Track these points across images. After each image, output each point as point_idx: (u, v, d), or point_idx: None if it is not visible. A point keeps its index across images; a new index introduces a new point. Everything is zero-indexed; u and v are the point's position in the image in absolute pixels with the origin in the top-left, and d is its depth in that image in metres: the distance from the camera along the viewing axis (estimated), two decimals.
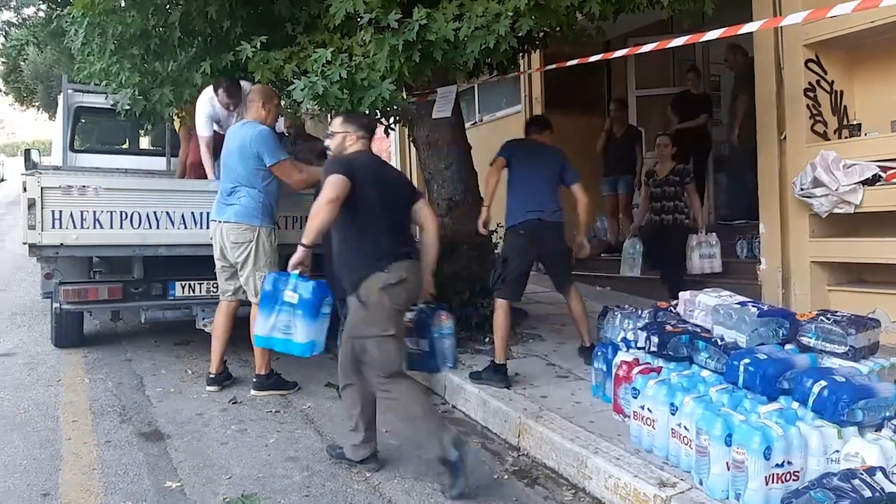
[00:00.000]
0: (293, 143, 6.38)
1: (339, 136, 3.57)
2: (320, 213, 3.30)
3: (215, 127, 5.68)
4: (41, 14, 19.51)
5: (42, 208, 4.72)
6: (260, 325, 3.48)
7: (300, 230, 5.13)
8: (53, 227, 4.75)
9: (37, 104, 28.94)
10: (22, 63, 26.30)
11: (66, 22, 6.04)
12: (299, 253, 3.38)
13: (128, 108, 5.96)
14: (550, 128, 5.16)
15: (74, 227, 4.75)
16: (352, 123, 3.60)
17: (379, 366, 3.39)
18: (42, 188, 4.73)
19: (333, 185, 3.30)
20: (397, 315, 3.44)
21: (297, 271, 3.37)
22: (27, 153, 7.92)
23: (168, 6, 5.33)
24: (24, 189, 4.73)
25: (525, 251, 4.66)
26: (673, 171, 6.10)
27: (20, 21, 27.18)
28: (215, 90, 5.45)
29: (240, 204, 4.60)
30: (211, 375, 4.85)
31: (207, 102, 5.57)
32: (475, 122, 10.56)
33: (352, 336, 3.49)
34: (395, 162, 12.86)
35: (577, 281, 6.62)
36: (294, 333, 3.38)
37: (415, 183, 11.73)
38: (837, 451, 2.80)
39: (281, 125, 7.57)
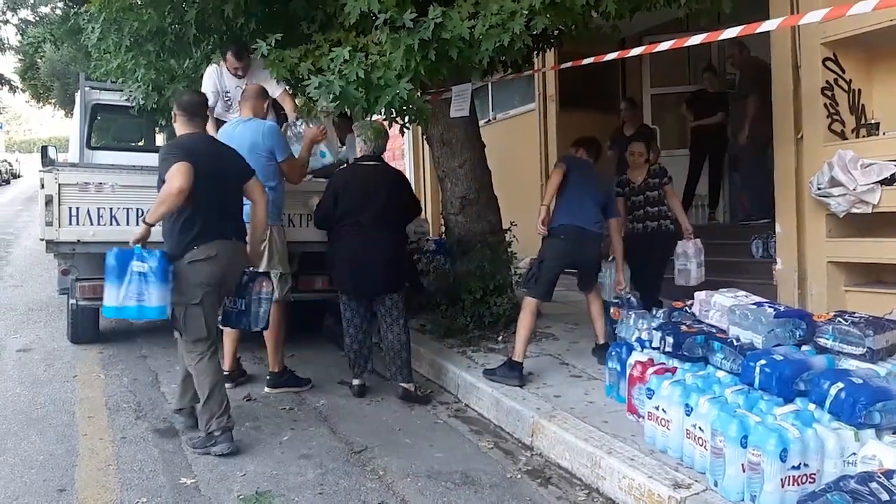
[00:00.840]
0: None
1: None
2: (169, 201, 3.59)
3: (219, 109, 5.48)
4: (58, 12, 19.67)
5: (59, 205, 4.75)
6: (110, 298, 3.62)
7: (313, 228, 5.20)
8: (70, 223, 4.79)
9: (53, 101, 29.22)
10: (39, 60, 26.54)
11: (84, 19, 6.10)
12: (141, 229, 3.66)
13: (142, 102, 5.99)
14: (600, 154, 5.38)
15: (91, 224, 4.78)
16: (175, 103, 4.00)
17: (185, 330, 3.81)
18: (59, 185, 4.76)
19: (183, 174, 3.58)
20: (204, 287, 3.77)
21: (139, 245, 3.60)
22: (44, 150, 7.96)
23: (184, 4, 5.34)
24: (42, 186, 4.77)
25: (562, 255, 4.71)
26: (650, 174, 5.54)
27: (37, 19, 27.44)
28: (223, 55, 5.32)
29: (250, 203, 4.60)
30: (225, 373, 4.87)
31: (213, 73, 5.39)
32: (489, 121, 10.55)
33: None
34: (408, 160, 12.83)
35: None
36: (147, 299, 3.60)
37: (428, 182, 11.88)
38: (854, 454, 2.79)
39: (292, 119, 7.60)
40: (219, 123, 5.19)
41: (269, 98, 4.91)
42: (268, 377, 4.83)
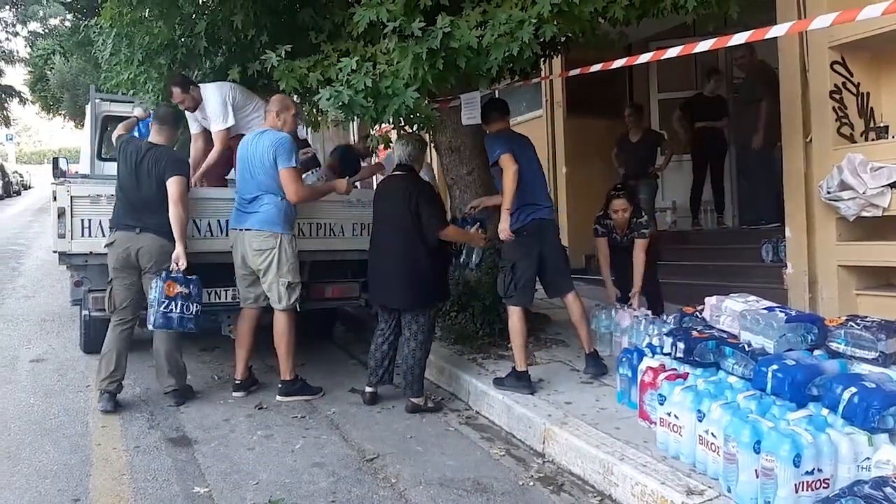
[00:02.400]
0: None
1: None
2: None
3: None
4: (67, 24, 19.86)
5: (72, 217, 4.79)
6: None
7: (323, 237, 5.24)
8: (83, 235, 4.82)
9: (63, 112, 29.46)
10: (48, 72, 26.80)
11: (94, 32, 6.16)
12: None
13: (151, 111, 6.04)
14: (508, 111, 5.03)
15: (104, 236, 4.81)
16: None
17: (107, 304, 4.65)
18: (72, 197, 4.80)
19: None
20: (114, 270, 4.57)
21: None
22: (55, 161, 8.05)
23: (194, 16, 5.41)
24: (55, 198, 4.80)
25: (531, 253, 4.61)
26: (630, 228, 5.44)
27: (46, 31, 27.69)
28: (168, 91, 5.44)
29: (262, 211, 4.68)
30: (237, 381, 4.91)
31: (221, 90, 5.41)
32: None
33: None
34: None
35: (600, 286, 6.59)
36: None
37: (436, 189, 11.86)
38: (868, 459, 2.77)
39: (302, 132, 7.66)
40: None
41: (292, 107, 4.93)
42: (279, 385, 4.85)
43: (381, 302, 4.76)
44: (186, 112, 5.52)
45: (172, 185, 4.56)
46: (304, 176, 5.71)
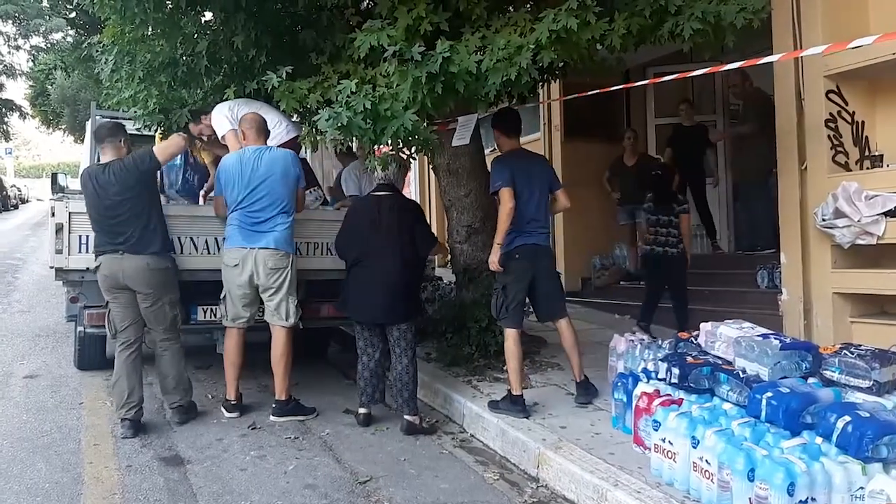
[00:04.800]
0: None
1: None
2: None
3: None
4: (69, 39, 19.99)
5: (69, 233, 4.80)
6: None
7: (320, 256, 5.26)
8: (80, 251, 4.83)
9: (63, 127, 29.54)
10: (49, 87, 26.92)
11: (96, 50, 6.19)
12: None
13: (147, 125, 6.07)
14: (519, 133, 5.02)
15: None
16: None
17: (107, 328, 4.62)
18: (70, 213, 4.81)
19: None
20: (107, 293, 4.54)
21: None
22: (54, 177, 8.05)
23: (196, 35, 5.45)
24: (53, 214, 4.82)
25: (523, 275, 4.61)
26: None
27: (48, 46, 27.84)
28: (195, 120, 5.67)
29: (278, 231, 4.72)
30: (232, 402, 4.88)
31: (223, 105, 5.42)
32: (494, 149, 10.59)
33: None
34: (414, 189, 12.90)
35: (596, 309, 6.61)
36: None
37: (434, 211, 11.91)
38: (862, 488, 2.77)
39: (301, 151, 7.69)
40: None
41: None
42: (273, 405, 4.83)
43: (371, 319, 4.72)
44: (202, 147, 5.70)
45: (155, 149, 4.67)
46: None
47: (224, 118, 5.21)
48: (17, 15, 28.15)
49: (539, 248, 4.67)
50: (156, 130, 6.18)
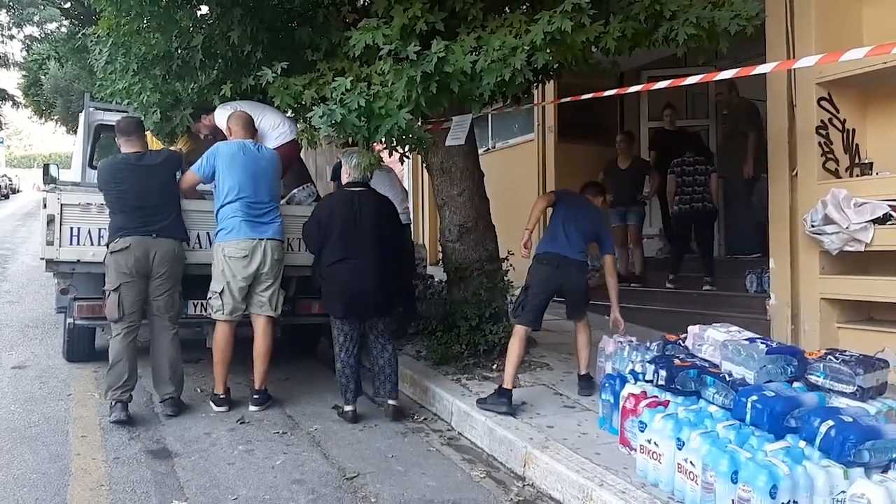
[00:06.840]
0: None
1: None
2: None
3: None
4: (63, 29, 19.87)
5: (61, 225, 4.78)
6: None
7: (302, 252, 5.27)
8: (71, 243, 4.81)
9: (55, 117, 29.38)
10: (42, 77, 26.76)
11: (91, 41, 6.17)
12: None
13: (151, 129, 6.06)
14: (605, 196, 5.57)
15: (92, 244, 4.81)
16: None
17: (106, 312, 4.57)
18: (62, 205, 4.79)
19: None
20: (123, 275, 4.50)
21: None
22: (46, 168, 8.02)
23: (191, 29, 5.45)
24: (44, 205, 4.80)
25: (547, 282, 4.74)
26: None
27: (42, 36, 27.67)
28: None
29: (278, 222, 4.91)
30: (221, 396, 4.88)
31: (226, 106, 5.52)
32: (488, 149, 10.64)
33: None
34: (408, 187, 12.90)
35: (588, 310, 6.60)
36: None
37: (426, 209, 11.93)
38: (843, 492, 2.80)
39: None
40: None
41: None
42: (255, 396, 4.90)
43: (354, 313, 4.71)
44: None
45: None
46: (296, 190, 5.79)
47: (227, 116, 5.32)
48: (10, 4, 27.96)
49: (567, 259, 4.78)
50: (159, 133, 6.19)
